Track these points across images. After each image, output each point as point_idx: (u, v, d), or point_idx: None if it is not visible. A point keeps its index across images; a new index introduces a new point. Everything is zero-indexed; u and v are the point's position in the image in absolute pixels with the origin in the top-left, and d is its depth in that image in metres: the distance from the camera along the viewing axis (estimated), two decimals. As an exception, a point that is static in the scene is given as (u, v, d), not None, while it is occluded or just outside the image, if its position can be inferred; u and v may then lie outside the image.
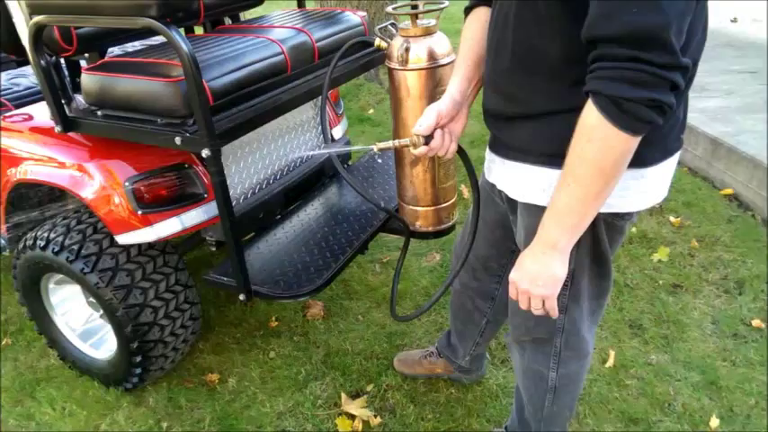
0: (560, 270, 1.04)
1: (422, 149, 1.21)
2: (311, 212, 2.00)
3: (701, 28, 0.96)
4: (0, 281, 2.65)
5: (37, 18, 1.38)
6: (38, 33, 1.43)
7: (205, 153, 1.33)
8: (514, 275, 1.11)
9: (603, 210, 1.08)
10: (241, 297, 1.58)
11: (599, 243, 1.14)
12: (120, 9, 1.23)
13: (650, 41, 0.82)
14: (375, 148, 1.26)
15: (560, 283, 1.06)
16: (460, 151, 1.34)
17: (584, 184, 0.93)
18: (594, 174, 0.92)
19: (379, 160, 2.32)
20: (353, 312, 2.35)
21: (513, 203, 1.24)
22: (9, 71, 2.25)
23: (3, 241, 2.05)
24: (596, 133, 0.89)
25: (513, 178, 1.18)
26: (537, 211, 1.14)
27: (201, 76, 1.44)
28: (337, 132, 2.34)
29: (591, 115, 0.89)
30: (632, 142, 0.89)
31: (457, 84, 1.25)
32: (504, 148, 1.18)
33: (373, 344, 2.17)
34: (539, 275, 1.05)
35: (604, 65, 0.86)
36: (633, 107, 0.85)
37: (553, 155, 1.05)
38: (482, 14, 1.25)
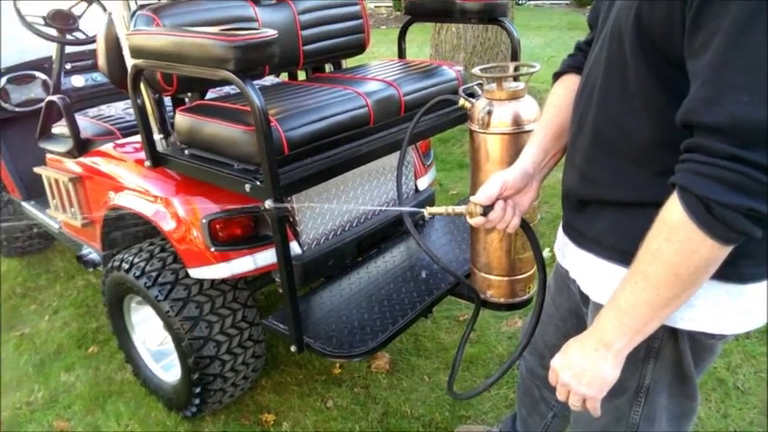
0: (610, 373, 0.91)
1: (478, 220, 1.11)
2: (381, 265, 1.94)
3: None
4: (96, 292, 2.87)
5: (135, 61, 1.48)
6: (137, 75, 1.53)
7: (268, 204, 1.33)
8: (557, 363, 0.98)
9: (689, 326, 0.92)
10: (293, 348, 1.55)
11: (681, 361, 0.97)
12: (202, 60, 1.27)
13: (759, 139, 0.68)
14: (426, 212, 1.19)
15: (608, 387, 0.93)
16: (525, 226, 1.21)
17: (654, 286, 0.80)
18: (668, 278, 0.78)
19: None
20: (420, 371, 2.24)
21: (585, 296, 1.10)
22: (128, 100, 2.46)
23: (98, 257, 2.20)
24: (678, 233, 0.76)
25: (586, 270, 1.05)
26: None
27: (277, 126, 1.46)
28: (423, 183, 2.28)
29: (675, 211, 0.76)
30: (719, 251, 0.75)
31: (532, 154, 1.14)
32: (577, 235, 1.06)
33: (435, 410, 2.05)
34: (584, 373, 0.93)
35: (699, 158, 0.73)
36: (727, 214, 0.71)
37: (630, 253, 0.91)
38: (571, 82, 1.14)
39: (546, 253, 2.68)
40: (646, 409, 1.04)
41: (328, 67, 2.37)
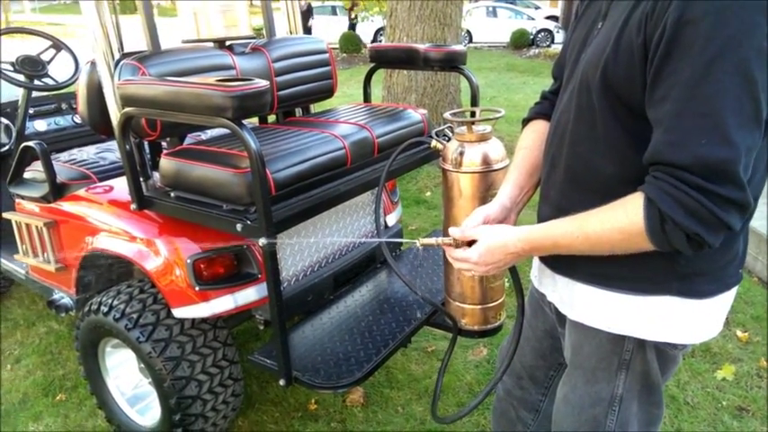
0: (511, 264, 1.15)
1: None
2: (359, 298, 2.02)
3: (763, 166, 0.95)
4: (64, 337, 2.80)
5: (127, 109, 1.54)
6: (127, 122, 1.59)
7: (262, 242, 1.40)
8: (475, 257, 1.12)
9: (655, 337, 1.05)
10: (281, 382, 1.60)
11: (649, 371, 1.10)
12: (200, 109, 1.35)
13: (720, 174, 0.82)
14: (418, 243, 1.29)
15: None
16: None
17: (588, 244, 0.98)
18: (603, 246, 0.96)
19: (430, 250, 2.34)
20: (394, 403, 2.30)
21: (561, 316, 1.22)
22: (99, 144, 2.48)
23: (71, 301, 2.17)
24: (629, 228, 0.91)
25: (563, 292, 1.17)
26: (584, 330, 1.12)
27: (266, 168, 1.54)
28: (391, 219, 2.39)
29: (634, 211, 0.89)
30: (649, 247, 0.91)
31: (508, 190, 1.27)
32: (552, 261, 1.18)
33: (411, 440, 2.11)
34: (499, 263, 1.11)
35: (670, 180, 0.85)
36: (675, 231, 0.85)
37: (600, 275, 1.05)
38: (539, 126, 1.29)
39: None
40: (620, 418, 1.15)
41: (297, 111, 2.48)
